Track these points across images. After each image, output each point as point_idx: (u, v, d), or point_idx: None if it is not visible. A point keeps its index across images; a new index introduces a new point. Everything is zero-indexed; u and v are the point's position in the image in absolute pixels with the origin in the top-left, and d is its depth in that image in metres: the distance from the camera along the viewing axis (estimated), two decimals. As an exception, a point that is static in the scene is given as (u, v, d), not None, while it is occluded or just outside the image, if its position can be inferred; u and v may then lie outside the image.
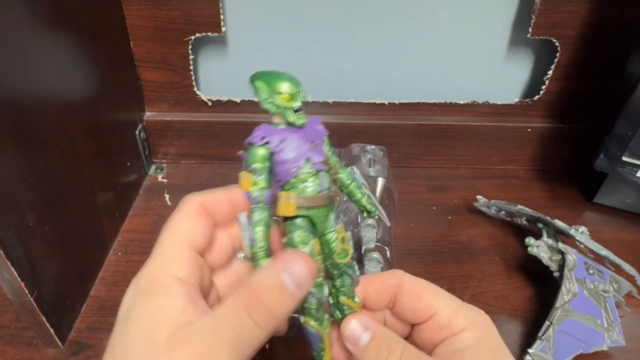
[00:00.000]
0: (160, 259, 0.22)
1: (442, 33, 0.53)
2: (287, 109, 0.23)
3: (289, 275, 0.20)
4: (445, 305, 0.24)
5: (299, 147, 0.23)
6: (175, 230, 0.23)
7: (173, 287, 0.21)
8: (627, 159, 0.44)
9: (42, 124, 0.34)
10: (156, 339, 0.19)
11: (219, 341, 0.19)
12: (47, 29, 0.35)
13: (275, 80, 0.23)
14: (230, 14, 0.51)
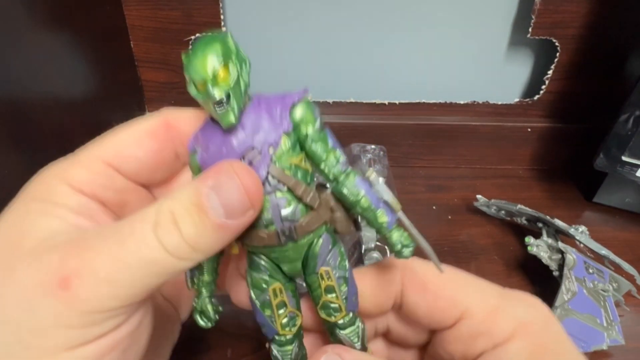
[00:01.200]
0: (67, 161, 0.18)
1: (442, 33, 0.53)
2: (205, 101, 0.16)
3: (217, 195, 0.15)
4: (478, 302, 0.18)
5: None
6: (105, 137, 0.19)
7: (66, 193, 0.17)
8: (626, 158, 0.44)
9: (42, 124, 0.34)
10: (22, 243, 0.15)
11: (98, 249, 0.15)
12: (47, 29, 0.35)
13: (190, 57, 0.15)
14: (230, 14, 0.51)
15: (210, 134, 0.17)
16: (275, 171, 0.16)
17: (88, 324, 0.15)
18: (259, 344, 0.37)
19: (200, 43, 0.15)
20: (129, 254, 0.15)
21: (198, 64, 0.15)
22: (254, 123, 0.16)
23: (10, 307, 0.14)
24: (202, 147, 0.17)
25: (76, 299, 0.14)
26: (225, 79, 0.15)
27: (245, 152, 0.16)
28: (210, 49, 0.15)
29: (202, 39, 0.16)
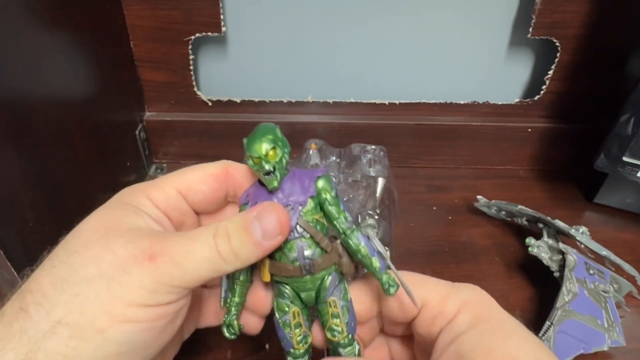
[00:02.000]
0: (150, 183, 0.24)
1: (442, 33, 0.53)
2: (258, 171, 0.23)
3: (259, 223, 0.21)
4: (431, 293, 0.23)
5: None
6: (179, 172, 0.25)
7: (147, 205, 0.23)
8: (627, 159, 0.44)
9: (42, 123, 0.34)
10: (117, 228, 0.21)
11: (177, 242, 0.21)
12: (46, 28, 0.35)
13: (250, 140, 0.22)
14: (231, 14, 0.51)
15: (258, 193, 0.23)
16: (302, 222, 0.23)
17: (157, 292, 0.20)
18: (258, 345, 0.36)
19: (259, 132, 0.23)
20: (195, 249, 0.21)
21: (256, 146, 0.22)
22: (289, 188, 0.23)
23: (106, 266, 0.20)
24: (252, 202, 0.23)
25: (156, 271, 0.20)
26: (273, 157, 0.22)
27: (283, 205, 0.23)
28: (265, 136, 0.22)
29: (260, 129, 0.23)
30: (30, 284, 0.20)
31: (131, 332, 0.20)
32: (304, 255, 0.23)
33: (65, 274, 0.20)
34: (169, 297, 0.21)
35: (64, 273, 0.20)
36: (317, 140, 0.50)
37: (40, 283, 0.20)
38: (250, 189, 0.24)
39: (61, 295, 0.19)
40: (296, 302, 0.24)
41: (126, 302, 0.20)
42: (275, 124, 0.24)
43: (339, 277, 0.24)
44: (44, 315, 0.19)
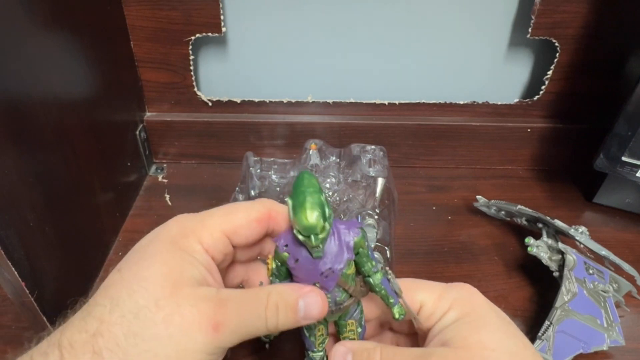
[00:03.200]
0: (198, 222, 0.26)
1: (442, 33, 0.53)
2: (306, 242, 0.24)
3: (304, 304, 0.25)
4: (427, 295, 0.26)
5: (310, 275, 0.25)
6: (225, 213, 0.27)
7: (200, 252, 0.25)
8: (626, 159, 0.44)
9: (43, 124, 0.34)
10: (181, 285, 0.23)
11: (235, 313, 0.23)
12: (47, 29, 0.35)
13: (298, 211, 0.23)
14: (231, 14, 0.51)
15: (298, 249, 0.25)
16: (340, 281, 0.26)
17: (212, 352, 0.23)
18: (258, 345, 0.37)
19: (306, 202, 0.23)
20: (249, 321, 0.24)
21: (307, 223, 0.23)
22: (330, 253, 0.25)
23: (175, 329, 0.22)
24: (292, 256, 0.25)
25: (218, 339, 0.23)
26: (323, 232, 0.23)
27: (324, 270, 0.25)
28: (315, 211, 0.23)
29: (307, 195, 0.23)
30: (100, 327, 0.22)
31: None
32: (335, 302, 0.26)
33: (138, 328, 0.22)
34: (220, 354, 0.24)
35: (136, 327, 0.22)
36: (317, 140, 0.50)
37: (112, 331, 0.22)
38: (289, 237, 0.25)
39: (133, 347, 0.22)
40: (322, 322, 0.28)
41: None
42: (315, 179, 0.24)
43: (358, 303, 0.28)
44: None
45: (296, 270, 0.25)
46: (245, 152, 0.50)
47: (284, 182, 0.50)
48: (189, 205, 0.51)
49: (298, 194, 0.23)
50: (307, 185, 0.24)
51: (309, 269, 0.25)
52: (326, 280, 0.25)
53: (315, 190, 0.23)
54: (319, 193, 0.23)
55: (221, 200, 0.50)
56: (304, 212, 0.23)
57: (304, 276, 0.25)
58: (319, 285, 0.25)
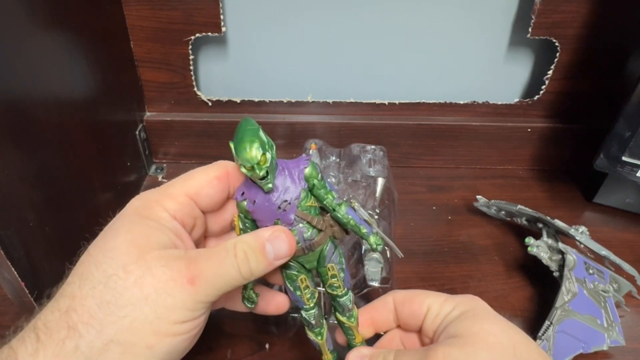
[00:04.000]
0: (161, 193, 0.26)
1: (442, 33, 0.53)
2: (252, 177, 0.24)
3: (272, 246, 0.25)
4: (434, 299, 0.27)
5: (268, 210, 0.25)
6: (185, 178, 0.27)
7: (166, 218, 0.25)
8: (627, 158, 0.44)
9: (43, 124, 0.34)
10: (149, 250, 0.23)
11: (207, 266, 0.24)
12: (47, 29, 0.35)
13: (238, 148, 0.24)
14: (230, 14, 0.51)
15: (254, 191, 0.26)
16: (299, 213, 0.26)
17: (194, 309, 0.24)
18: (258, 345, 0.37)
19: (245, 138, 0.24)
20: (223, 271, 0.24)
21: (246, 155, 0.23)
22: (282, 184, 0.25)
23: (149, 290, 0.22)
24: (249, 200, 0.26)
25: (196, 292, 0.23)
26: (264, 162, 0.24)
27: (280, 204, 0.25)
28: (252, 143, 0.23)
29: (244, 133, 0.24)
30: (72, 303, 0.22)
31: (174, 344, 0.24)
32: (304, 238, 0.26)
33: (110, 296, 0.22)
34: (203, 310, 0.25)
35: (107, 295, 0.22)
36: (317, 140, 0.50)
37: (85, 304, 0.22)
38: (244, 185, 0.26)
39: (109, 316, 0.22)
40: (302, 271, 0.28)
41: (171, 320, 0.23)
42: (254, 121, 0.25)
43: (334, 246, 0.28)
44: (95, 335, 0.22)
45: (256, 214, 0.26)
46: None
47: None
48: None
49: (237, 134, 0.24)
50: (245, 126, 0.24)
51: (266, 207, 0.25)
52: (285, 214, 0.25)
53: (253, 128, 0.24)
54: (257, 129, 0.24)
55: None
56: (243, 145, 0.23)
57: (265, 216, 0.26)
58: (280, 221, 0.25)
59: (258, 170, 0.24)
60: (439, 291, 0.28)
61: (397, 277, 0.43)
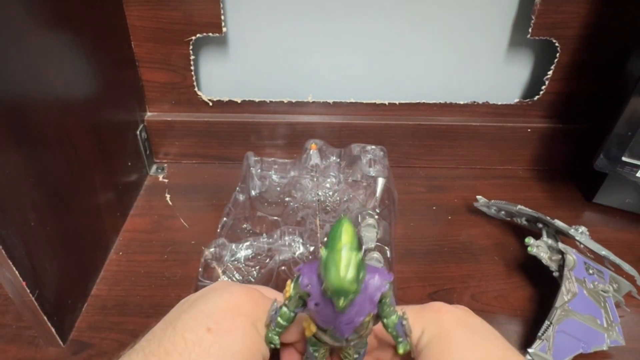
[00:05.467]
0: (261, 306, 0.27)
1: (442, 33, 0.53)
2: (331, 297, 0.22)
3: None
4: None
5: (327, 319, 0.24)
6: None
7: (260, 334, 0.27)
8: (626, 159, 0.44)
9: (44, 124, 0.34)
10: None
11: None
12: (48, 29, 0.35)
13: (331, 270, 0.21)
14: (231, 15, 0.51)
15: (321, 295, 0.23)
16: (356, 329, 0.24)
17: None
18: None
19: (344, 263, 0.21)
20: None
21: (340, 285, 0.21)
22: (356, 309, 0.23)
23: None
24: (313, 298, 0.23)
25: None
26: (354, 294, 0.21)
27: (344, 319, 0.23)
28: (352, 273, 0.21)
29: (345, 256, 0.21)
30: None
31: None
32: (346, 340, 0.25)
33: None
34: None
35: None
36: (318, 140, 0.51)
37: None
38: (313, 275, 0.24)
39: None
40: (326, 347, 0.28)
41: None
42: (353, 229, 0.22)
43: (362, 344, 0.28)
44: None
45: (314, 312, 0.24)
46: (246, 152, 0.51)
47: (285, 182, 0.50)
48: (189, 204, 0.51)
49: (334, 250, 0.21)
50: (346, 241, 0.21)
51: (327, 317, 0.24)
52: (344, 327, 0.24)
53: (354, 247, 0.21)
54: (357, 251, 0.21)
55: (221, 200, 0.50)
56: (338, 273, 0.21)
57: (320, 319, 0.24)
58: (333, 329, 0.24)
59: (343, 303, 0.21)
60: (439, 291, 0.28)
61: (397, 277, 0.43)
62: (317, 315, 0.24)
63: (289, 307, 0.26)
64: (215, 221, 0.45)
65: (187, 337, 0.24)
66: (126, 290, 0.41)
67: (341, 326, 0.24)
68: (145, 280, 0.42)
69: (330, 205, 0.47)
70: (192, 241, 0.46)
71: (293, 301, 0.25)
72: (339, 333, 0.24)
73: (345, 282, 0.20)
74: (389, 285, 0.24)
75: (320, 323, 0.25)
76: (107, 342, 0.37)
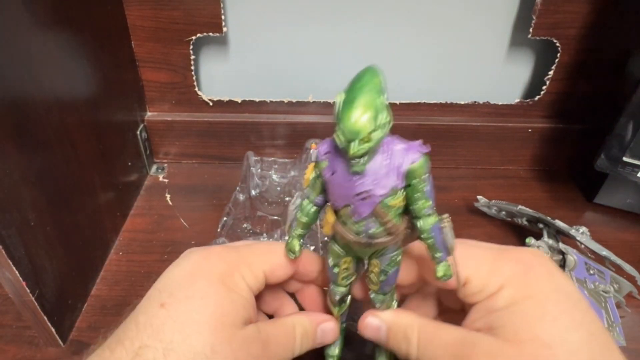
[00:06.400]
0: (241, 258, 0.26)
1: (442, 33, 0.53)
2: (344, 151, 0.19)
3: (321, 331, 0.27)
4: (474, 269, 0.22)
5: (343, 191, 0.21)
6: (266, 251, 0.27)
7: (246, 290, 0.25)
8: (627, 159, 0.44)
9: (44, 123, 0.34)
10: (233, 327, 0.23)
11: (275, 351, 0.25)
12: (48, 29, 0.35)
13: (345, 110, 0.19)
14: (231, 14, 0.51)
15: (338, 160, 0.20)
16: (377, 210, 0.21)
17: None
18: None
19: (358, 100, 0.18)
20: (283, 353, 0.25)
21: (350, 125, 0.18)
22: (374, 173, 0.20)
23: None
24: (330, 166, 0.21)
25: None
26: (367, 142, 0.18)
27: (362, 191, 0.20)
28: (366, 113, 0.18)
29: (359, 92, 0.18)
30: None
31: None
32: (367, 233, 0.22)
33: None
34: None
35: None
36: (318, 140, 0.50)
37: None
38: (332, 144, 0.21)
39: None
40: (349, 253, 0.24)
41: None
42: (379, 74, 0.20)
43: (397, 249, 0.24)
44: None
45: (330, 185, 0.22)
46: (246, 152, 0.50)
47: (285, 182, 0.50)
48: (189, 204, 0.51)
49: (352, 89, 0.19)
50: (367, 82, 0.19)
51: (343, 187, 0.21)
52: (361, 203, 0.20)
53: (375, 89, 0.19)
54: (379, 94, 0.19)
55: (222, 199, 0.50)
56: (351, 110, 0.18)
57: (336, 194, 0.21)
58: (351, 207, 0.21)
59: (354, 148, 0.18)
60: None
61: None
62: (333, 189, 0.21)
63: (309, 197, 0.23)
64: (216, 221, 0.45)
65: (139, 320, 0.22)
66: (126, 290, 0.41)
67: (358, 203, 0.20)
68: (145, 280, 0.42)
69: (330, 205, 0.47)
70: (192, 241, 0.46)
71: (313, 187, 0.23)
72: (357, 214, 0.21)
73: (359, 121, 0.18)
74: (424, 160, 0.20)
75: (336, 201, 0.21)
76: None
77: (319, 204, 0.24)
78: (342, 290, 0.26)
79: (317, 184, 0.22)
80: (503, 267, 0.22)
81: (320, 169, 0.22)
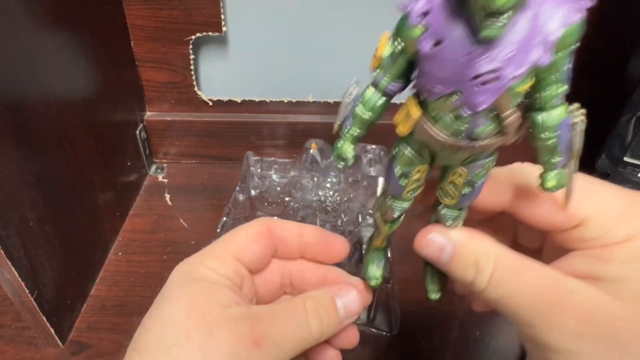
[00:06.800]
0: (203, 255, 0.24)
1: (443, 33, 0.53)
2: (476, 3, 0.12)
3: (343, 303, 0.23)
4: (597, 212, 0.18)
5: (454, 69, 0.14)
6: (226, 238, 0.25)
7: (216, 276, 0.23)
8: (628, 159, 0.44)
9: (43, 123, 0.34)
10: (209, 315, 0.21)
11: (274, 325, 0.21)
12: (47, 28, 0.35)
13: None
14: (231, 14, 0.51)
15: (449, 24, 0.13)
16: (500, 99, 0.14)
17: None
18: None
19: None
20: (292, 331, 0.22)
21: None
22: (512, 46, 0.13)
23: (214, 356, 0.20)
24: (431, 34, 0.13)
25: (262, 355, 0.21)
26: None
27: (485, 72, 0.13)
28: None
29: None
30: None
31: None
32: (472, 133, 0.15)
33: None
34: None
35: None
36: (318, 140, 0.50)
37: None
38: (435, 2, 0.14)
39: None
40: (425, 160, 0.18)
41: None
42: None
43: (492, 155, 0.19)
44: None
45: (430, 62, 0.14)
46: (246, 152, 0.50)
47: (285, 182, 0.50)
48: (189, 205, 0.51)
49: None
50: None
51: (455, 64, 0.14)
52: (479, 90, 0.14)
53: None
54: None
55: (221, 200, 0.49)
56: None
57: (441, 75, 0.14)
58: (460, 96, 0.14)
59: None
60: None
61: (398, 277, 0.43)
62: (434, 69, 0.14)
63: (380, 82, 0.17)
64: (215, 221, 0.45)
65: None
66: (125, 290, 0.41)
67: (474, 89, 0.14)
68: (144, 280, 0.42)
69: (330, 205, 0.47)
70: (191, 241, 0.46)
71: (388, 67, 0.16)
72: (470, 106, 0.14)
73: None
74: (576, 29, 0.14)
75: (435, 86, 0.14)
76: (106, 342, 0.37)
77: (392, 92, 0.17)
78: (405, 205, 0.21)
79: (399, 63, 0.15)
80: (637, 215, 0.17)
81: (412, 38, 0.14)
